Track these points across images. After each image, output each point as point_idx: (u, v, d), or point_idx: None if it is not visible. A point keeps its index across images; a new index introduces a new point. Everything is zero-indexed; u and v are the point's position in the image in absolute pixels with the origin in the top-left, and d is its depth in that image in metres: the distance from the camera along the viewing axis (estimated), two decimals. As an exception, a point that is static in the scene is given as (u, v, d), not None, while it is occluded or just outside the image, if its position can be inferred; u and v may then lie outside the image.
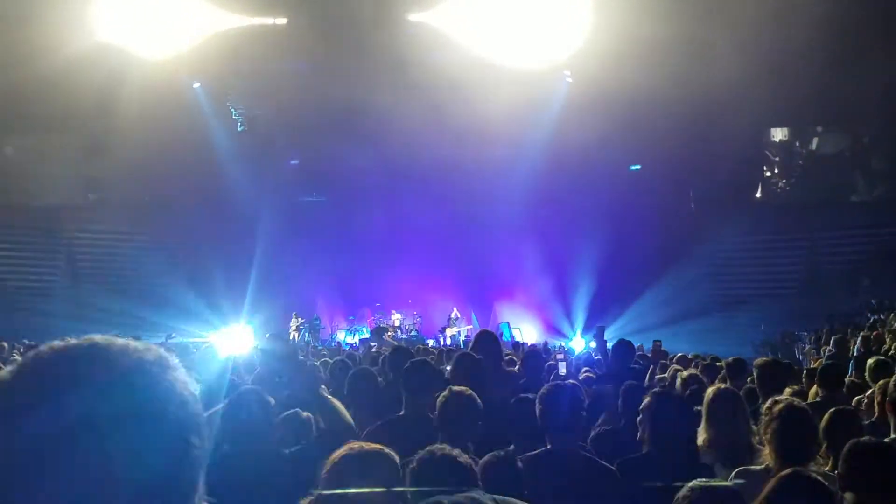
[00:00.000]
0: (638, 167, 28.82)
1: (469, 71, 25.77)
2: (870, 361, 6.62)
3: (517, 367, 7.86)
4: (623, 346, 7.42)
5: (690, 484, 2.67)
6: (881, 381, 5.08)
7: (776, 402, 3.69)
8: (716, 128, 25.83)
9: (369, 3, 25.57)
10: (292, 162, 30.33)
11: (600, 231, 26.47)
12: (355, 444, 2.81)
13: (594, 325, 26.13)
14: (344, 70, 26.55)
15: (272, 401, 3.95)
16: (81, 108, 26.76)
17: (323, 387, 4.92)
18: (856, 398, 5.78)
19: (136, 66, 26.17)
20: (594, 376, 8.04)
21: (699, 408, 4.21)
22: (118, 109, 26.46)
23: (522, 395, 4.39)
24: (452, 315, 26.02)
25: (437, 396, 3.94)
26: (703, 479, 2.75)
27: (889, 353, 9.39)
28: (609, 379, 6.80)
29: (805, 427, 3.54)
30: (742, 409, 4.06)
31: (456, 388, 4.00)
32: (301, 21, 26.58)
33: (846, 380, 6.56)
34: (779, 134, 30.93)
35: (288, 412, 4.12)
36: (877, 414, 4.86)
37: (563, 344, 24.20)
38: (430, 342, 23.64)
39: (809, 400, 5.88)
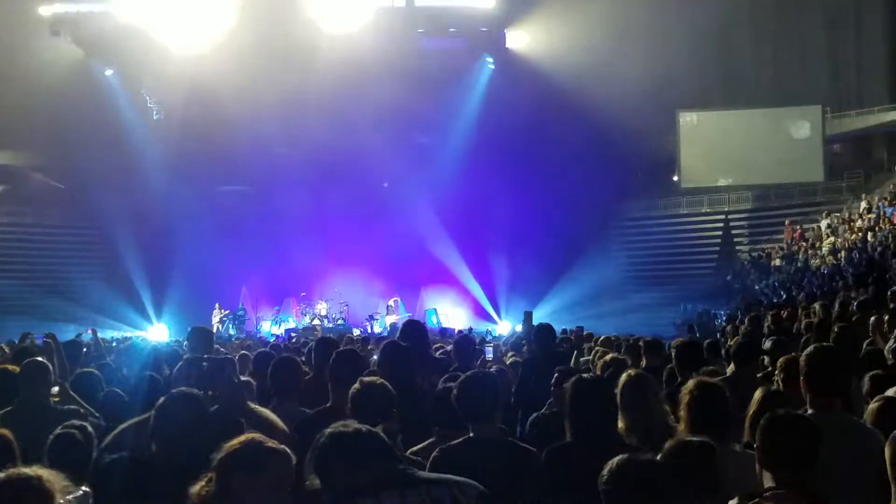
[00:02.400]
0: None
1: (389, 54, 25.75)
2: (767, 343, 6.92)
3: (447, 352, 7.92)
4: (544, 329, 7.49)
5: (615, 459, 2.74)
6: (782, 359, 5.26)
7: (689, 381, 3.85)
8: (632, 113, 26.34)
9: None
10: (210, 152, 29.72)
11: (521, 214, 26.77)
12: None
13: (518, 308, 26.51)
14: (260, 56, 26.17)
15: (206, 403, 3.89)
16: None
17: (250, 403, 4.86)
18: (772, 375, 5.99)
19: (44, 53, 25.33)
20: (520, 360, 8.15)
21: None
22: (27, 97, 25.62)
23: (448, 383, 4.41)
24: (390, 303, 26.04)
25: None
26: (628, 454, 2.81)
27: (800, 329, 9.75)
28: (533, 363, 6.89)
29: (715, 402, 3.68)
30: (653, 391, 4.17)
31: (367, 378, 4.01)
32: (217, 8, 26.12)
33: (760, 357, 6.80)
34: (693, 117, 31.66)
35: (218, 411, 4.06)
36: (782, 388, 5.02)
37: (489, 329, 24.43)
38: (357, 331, 23.57)
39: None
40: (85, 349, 9.87)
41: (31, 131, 27.05)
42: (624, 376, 4.21)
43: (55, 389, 5.50)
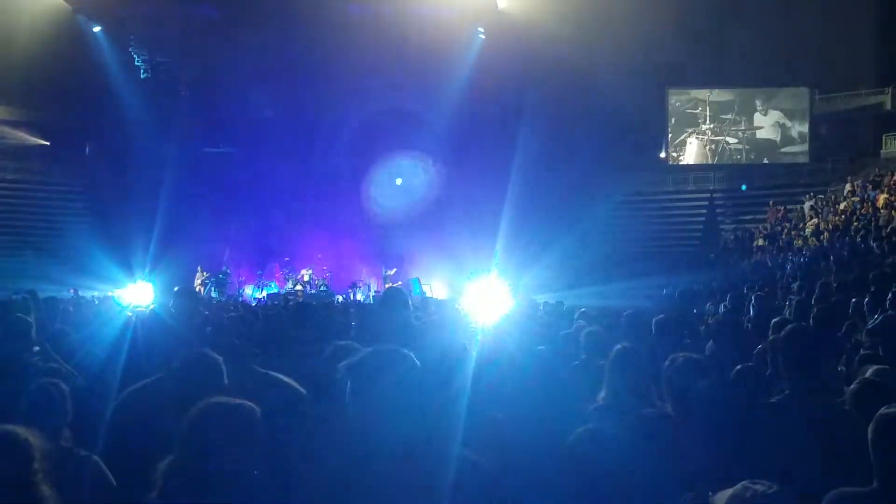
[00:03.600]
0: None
1: (380, 18, 25.54)
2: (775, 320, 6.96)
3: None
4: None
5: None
6: (772, 337, 5.31)
7: (675, 359, 3.90)
8: (620, 89, 26.30)
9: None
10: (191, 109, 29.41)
11: (506, 186, 26.73)
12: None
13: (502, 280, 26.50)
14: (250, 15, 25.88)
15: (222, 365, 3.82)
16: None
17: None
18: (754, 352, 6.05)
19: (31, 6, 24.95)
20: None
21: (602, 363, 4.37)
22: (12, 51, 25.28)
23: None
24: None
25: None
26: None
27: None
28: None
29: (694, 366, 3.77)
30: (639, 364, 4.21)
31: (341, 343, 4.02)
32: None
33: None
34: (682, 95, 31.68)
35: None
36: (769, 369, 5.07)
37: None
38: (340, 297, 23.59)
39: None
40: (63, 308, 9.85)
41: (16, 86, 26.74)
42: (616, 347, 4.25)
43: (36, 349, 5.49)
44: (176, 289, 6.69)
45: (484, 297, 15.96)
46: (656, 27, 24.35)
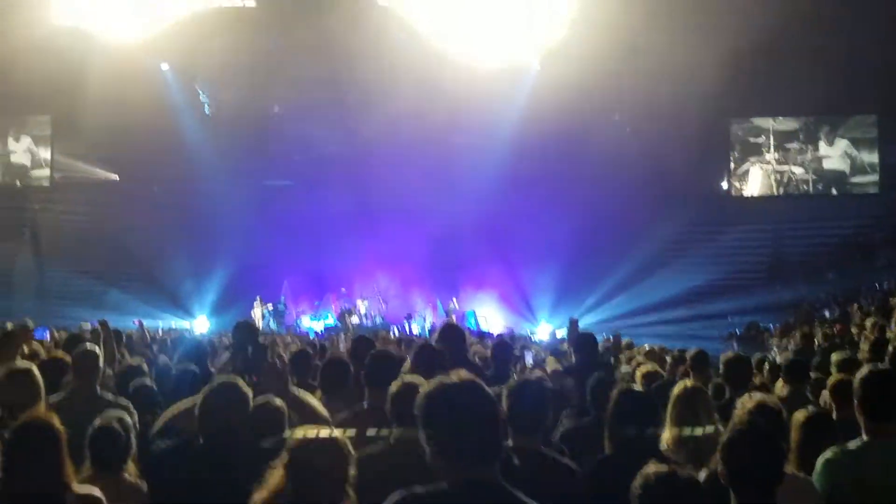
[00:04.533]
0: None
1: (438, 56, 25.69)
2: (835, 356, 6.64)
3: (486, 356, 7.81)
4: (586, 338, 7.36)
5: (652, 470, 2.60)
6: (833, 379, 5.04)
7: (747, 401, 3.68)
8: (680, 119, 25.94)
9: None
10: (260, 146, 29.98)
11: (566, 220, 26.54)
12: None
13: (560, 313, 26.31)
14: (313, 51, 26.32)
15: (250, 393, 3.92)
16: (47, 89, 26.46)
17: (294, 389, 4.86)
18: (822, 395, 5.78)
19: (102, 49, 25.72)
20: (561, 368, 8.00)
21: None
22: (84, 91, 26.10)
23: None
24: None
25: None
26: (668, 468, 2.68)
27: (856, 347, 9.46)
28: (575, 372, 6.75)
29: (776, 426, 3.51)
30: (707, 406, 4.01)
31: (408, 377, 3.94)
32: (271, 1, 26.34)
33: (812, 375, 6.57)
34: (742, 126, 31.11)
35: (260, 400, 4.07)
36: (835, 411, 4.80)
37: (529, 333, 24.28)
38: (395, 329, 23.60)
39: (776, 394, 5.88)
40: (126, 338, 10.00)
41: (85, 121, 27.55)
42: (678, 388, 4.07)
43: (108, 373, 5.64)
44: (237, 322, 6.78)
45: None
46: (716, 55, 23.96)
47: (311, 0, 25.62)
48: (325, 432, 2.92)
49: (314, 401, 4.83)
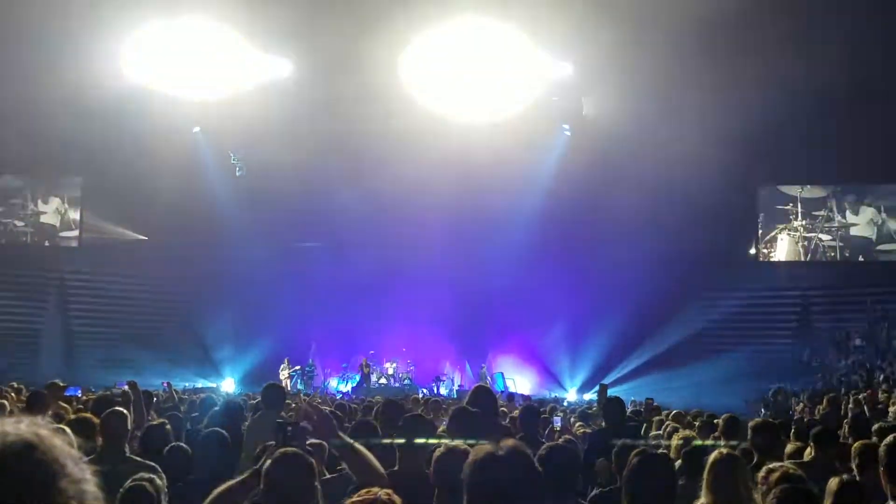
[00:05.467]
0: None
1: (466, 116, 26.07)
2: (877, 425, 6.61)
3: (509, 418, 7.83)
4: (615, 402, 7.38)
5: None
6: (858, 444, 5.05)
7: (772, 471, 3.71)
8: (709, 186, 26.00)
9: (368, 46, 25.36)
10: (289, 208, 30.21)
11: (595, 285, 26.59)
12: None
13: (588, 379, 26.23)
14: (342, 114, 26.74)
15: (314, 462, 3.80)
16: (79, 151, 27.11)
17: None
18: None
19: (134, 112, 26.06)
20: (589, 431, 8.02)
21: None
22: (115, 153, 26.64)
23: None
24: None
25: (432, 451, 3.93)
26: None
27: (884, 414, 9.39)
28: (603, 435, 6.77)
29: (802, 498, 3.52)
30: (743, 472, 4.03)
31: (451, 442, 3.99)
32: (303, 66, 26.79)
33: (841, 440, 6.56)
34: (770, 191, 31.13)
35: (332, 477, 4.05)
36: (857, 475, 4.80)
37: (556, 396, 24.15)
38: (424, 391, 23.57)
39: (804, 459, 5.89)
40: (155, 398, 10.08)
41: (114, 183, 28.08)
42: (716, 454, 4.09)
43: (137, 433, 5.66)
44: (265, 385, 6.86)
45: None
46: (744, 123, 24.12)
47: (346, 66, 25.89)
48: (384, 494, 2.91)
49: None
